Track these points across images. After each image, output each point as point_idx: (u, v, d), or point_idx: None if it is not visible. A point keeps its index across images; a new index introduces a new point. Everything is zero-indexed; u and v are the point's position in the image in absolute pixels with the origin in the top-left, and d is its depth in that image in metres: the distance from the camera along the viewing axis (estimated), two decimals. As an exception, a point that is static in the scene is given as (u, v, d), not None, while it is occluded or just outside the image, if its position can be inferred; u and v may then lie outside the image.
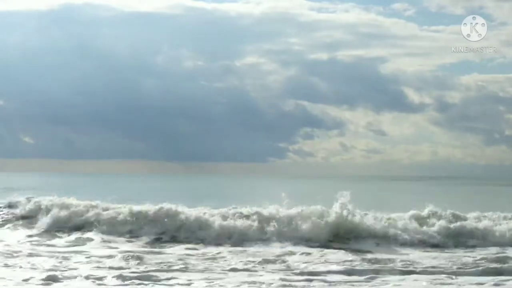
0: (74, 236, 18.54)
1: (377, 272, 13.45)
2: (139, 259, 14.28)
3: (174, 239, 18.28)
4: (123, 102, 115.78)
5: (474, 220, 19.65)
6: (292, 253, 15.78)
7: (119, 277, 12.31)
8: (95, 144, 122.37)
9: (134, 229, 19.07)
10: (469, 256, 15.57)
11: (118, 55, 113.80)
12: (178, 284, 12.08)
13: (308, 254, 15.72)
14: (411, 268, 13.90)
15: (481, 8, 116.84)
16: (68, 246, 16.99)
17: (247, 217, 19.24)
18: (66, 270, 13.06)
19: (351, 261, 14.69)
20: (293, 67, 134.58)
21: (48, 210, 20.54)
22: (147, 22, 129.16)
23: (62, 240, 18.02)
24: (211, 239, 17.98)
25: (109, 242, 17.66)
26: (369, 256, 15.59)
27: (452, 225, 19.04)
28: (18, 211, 21.60)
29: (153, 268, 13.40)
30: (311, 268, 13.81)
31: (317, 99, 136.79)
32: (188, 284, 12.08)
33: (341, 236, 18.34)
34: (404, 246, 17.62)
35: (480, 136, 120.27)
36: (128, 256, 14.48)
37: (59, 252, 15.72)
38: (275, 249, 16.71)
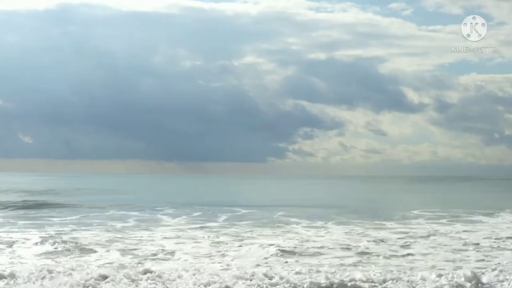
0: None
1: None
2: None
3: None
4: (121, 102, 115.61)
5: None
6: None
7: None
8: (95, 144, 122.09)
9: None
10: None
11: (116, 54, 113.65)
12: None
13: None
14: None
15: (479, 7, 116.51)
16: None
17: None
18: None
19: None
20: (291, 67, 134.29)
21: None
22: (145, 21, 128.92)
23: None
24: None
25: None
26: None
27: None
28: None
29: None
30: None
31: (316, 99, 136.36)
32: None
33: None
34: None
35: (479, 136, 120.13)
36: None
37: None
38: None
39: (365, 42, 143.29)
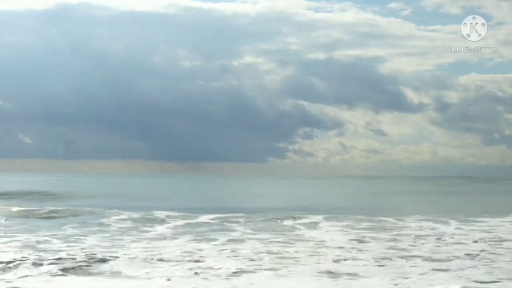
0: None
1: None
2: None
3: None
4: (121, 102, 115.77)
5: None
6: None
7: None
8: (95, 144, 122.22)
9: None
10: None
11: (115, 54, 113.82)
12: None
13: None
14: None
15: (479, 7, 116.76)
16: None
17: None
18: None
19: None
20: (291, 66, 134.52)
21: None
22: (144, 21, 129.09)
23: None
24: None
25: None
26: None
27: None
28: None
29: None
30: None
31: (316, 99, 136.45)
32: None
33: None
34: None
35: (479, 136, 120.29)
36: None
37: None
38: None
39: (364, 42, 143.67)
